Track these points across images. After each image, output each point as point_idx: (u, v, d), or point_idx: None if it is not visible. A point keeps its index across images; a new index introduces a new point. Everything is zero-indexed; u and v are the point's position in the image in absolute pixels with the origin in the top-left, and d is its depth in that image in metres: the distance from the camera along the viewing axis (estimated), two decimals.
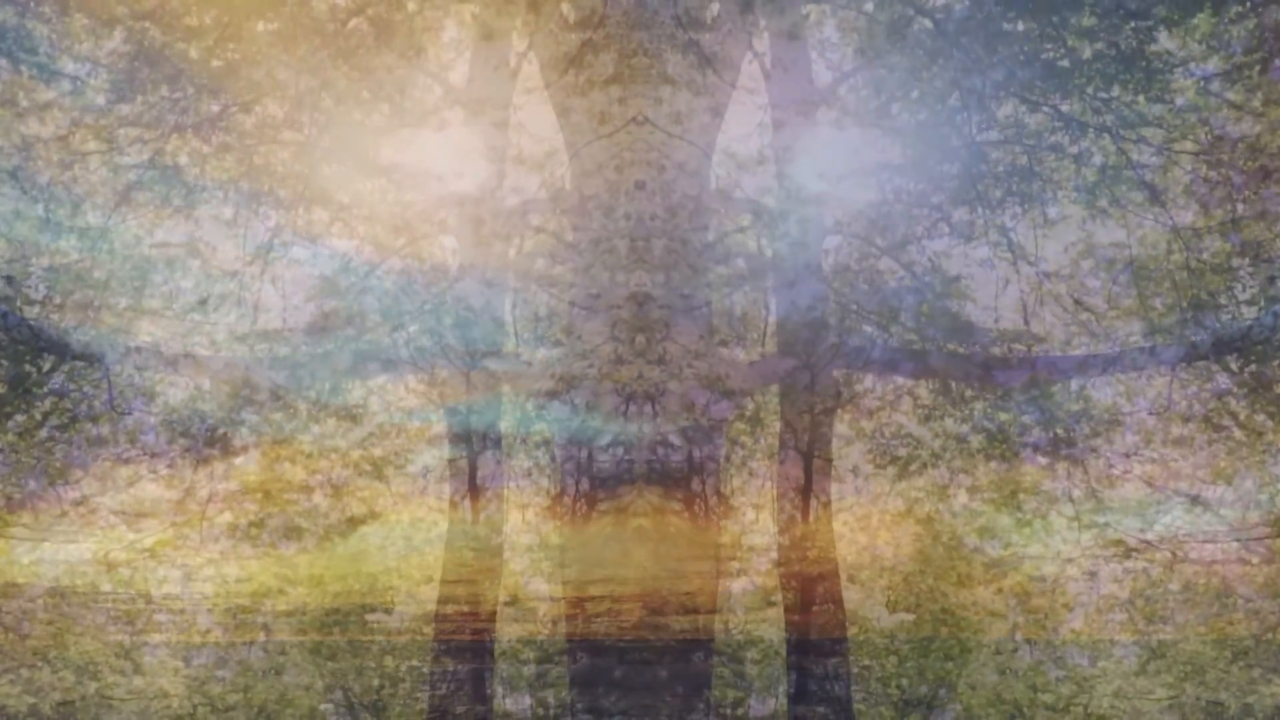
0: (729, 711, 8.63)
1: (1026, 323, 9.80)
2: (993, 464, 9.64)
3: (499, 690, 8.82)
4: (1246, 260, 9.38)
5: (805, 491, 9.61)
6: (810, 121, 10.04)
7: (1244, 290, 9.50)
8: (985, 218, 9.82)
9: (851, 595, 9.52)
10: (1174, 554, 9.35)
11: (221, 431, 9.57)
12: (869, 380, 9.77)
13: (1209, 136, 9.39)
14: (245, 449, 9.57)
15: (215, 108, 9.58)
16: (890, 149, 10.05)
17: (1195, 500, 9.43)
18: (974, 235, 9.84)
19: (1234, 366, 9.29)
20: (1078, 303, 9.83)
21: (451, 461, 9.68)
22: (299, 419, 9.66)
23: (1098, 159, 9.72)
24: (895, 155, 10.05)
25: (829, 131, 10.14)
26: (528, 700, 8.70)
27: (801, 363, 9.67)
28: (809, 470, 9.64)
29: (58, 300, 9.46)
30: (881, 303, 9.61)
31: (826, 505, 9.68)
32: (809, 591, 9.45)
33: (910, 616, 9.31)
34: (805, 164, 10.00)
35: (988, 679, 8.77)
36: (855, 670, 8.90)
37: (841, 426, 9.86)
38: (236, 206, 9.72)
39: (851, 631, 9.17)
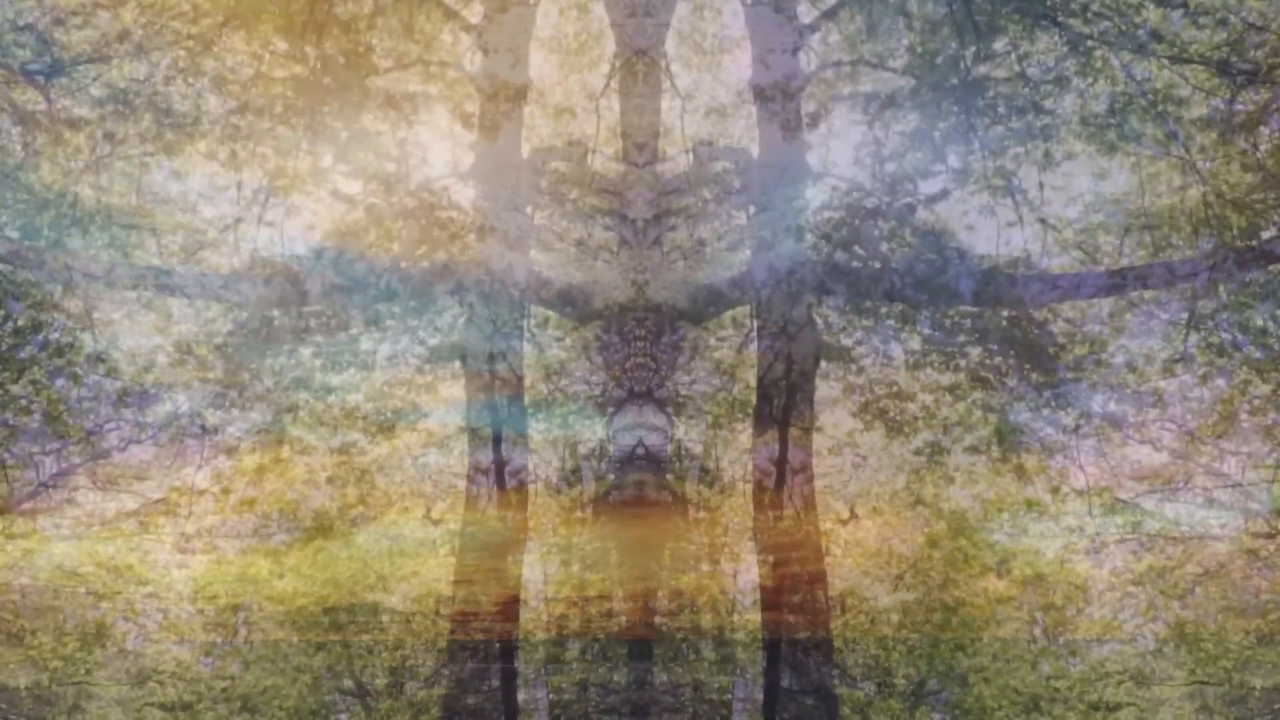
0: (715, 698, 8.54)
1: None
2: (991, 418, 8.94)
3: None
4: (1271, 194, 8.47)
5: (782, 463, 9.04)
6: (794, 59, 9.35)
7: (1266, 226, 8.56)
8: (986, 162, 9.06)
9: (845, 576, 9.04)
10: (1194, 530, 8.67)
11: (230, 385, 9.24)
12: (855, 331, 9.13)
13: (1228, 48, 8.47)
14: (261, 397, 9.22)
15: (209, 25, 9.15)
16: (881, 87, 9.31)
17: (1215, 473, 8.60)
18: (972, 178, 9.06)
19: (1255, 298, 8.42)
20: (1088, 255, 9.02)
21: (469, 432, 9.31)
22: (313, 364, 9.28)
23: (1104, 87, 8.84)
24: (886, 94, 9.29)
25: (814, 69, 9.43)
26: (542, 693, 8.65)
27: (779, 327, 9.08)
28: (785, 440, 9.07)
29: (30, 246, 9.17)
30: (869, 253, 8.93)
31: (808, 475, 9.13)
32: (790, 574, 8.97)
33: (911, 596, 8.84)
34: (788, 107, 9.32)
35: (998, 667, 8.45)
36: (862, 662, 8.63)
37: (826, 388, 9.22)
38: (233, 144, 9.30)
39: (857, 620, 8.82)
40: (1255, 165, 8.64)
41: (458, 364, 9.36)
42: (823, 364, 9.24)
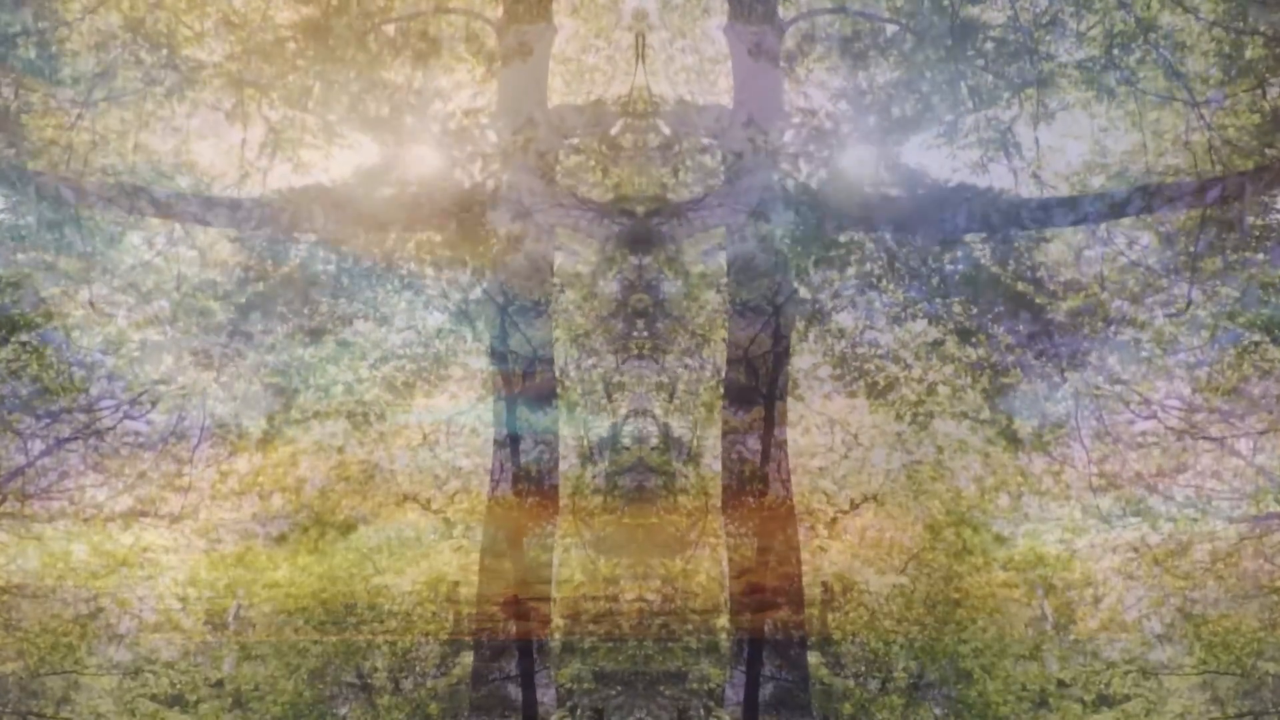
0: (704, 688, 8.40)
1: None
2: (983, 379, 8.56)
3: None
4: None
5: (767, 436, 8.74)
6: (771, 9, 8.88)
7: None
8: (978, 117, 8.51)
9: (834, 558, 8.72)
10: (1201, 511, 8.20)
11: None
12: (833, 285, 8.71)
13: None
14: (269, 349, 8.93)
15: None
16: (863, 34, 8.78)
17: (1222, 444, 8.12)
18: (962, 131, 8.52)
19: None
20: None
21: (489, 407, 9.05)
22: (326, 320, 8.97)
23: (1102, 28, 8.23)
24: (869, 41, 8.76)
25: (794, 16, 8.94)
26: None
27: (766, 299, 8.68)
28: (770, 415, 8.68)
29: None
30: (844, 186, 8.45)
31: (783, 448, 8.82)
32: (767, 565, 8.71)
33: (904, 579, 8.59)
34: (764, 57, 8.84)
35: (1002, 659, 8.25)
36: (863, 654, 8.46)
37: (807, 355, 8.90)
38: (238, 93, 8.94)
39: (858, 613, 8.60)
40: (1264, 109, 7.97)
41: (476, 328, 9.07)
42: (803, 328, 8.88)
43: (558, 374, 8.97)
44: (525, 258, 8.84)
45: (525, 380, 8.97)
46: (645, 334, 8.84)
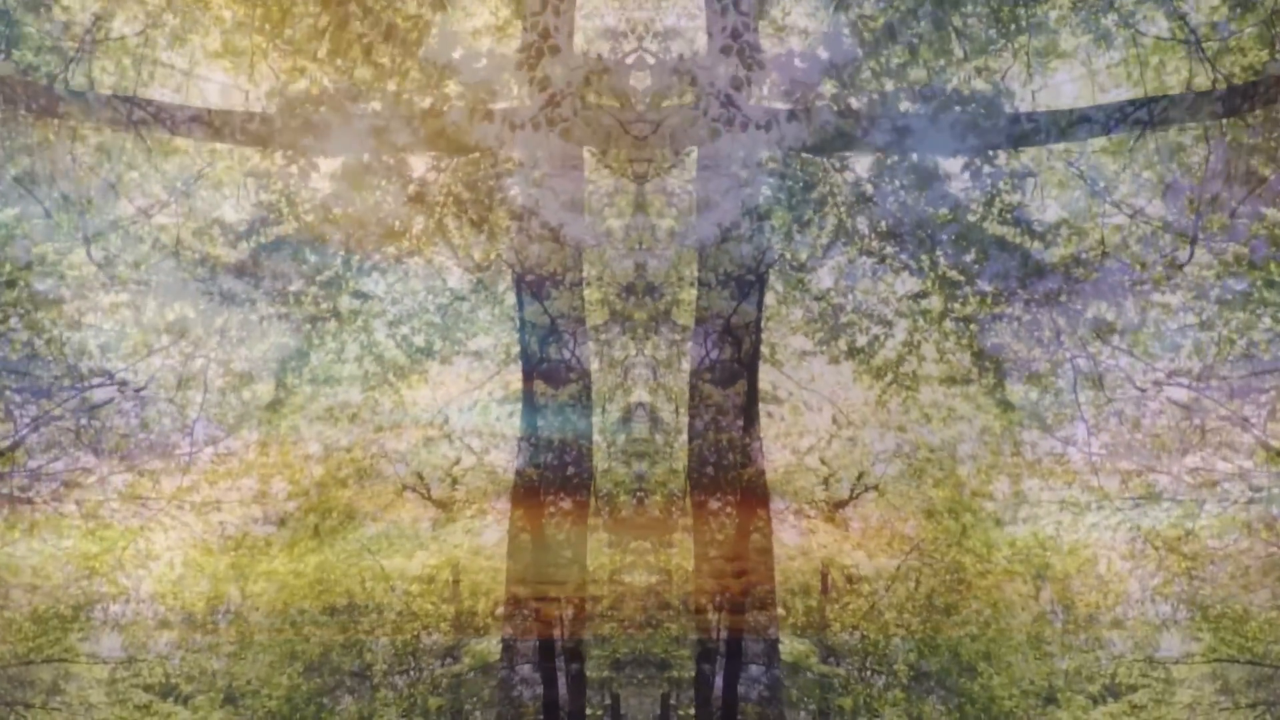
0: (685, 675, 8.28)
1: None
2: (969, 337, 8.23)
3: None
4: None
5: (749, 414, 8.44)
6: None
7: None
8: (969, 68, 8.04)
9: (823, 540, 8.49)
10: (1209, 485, 7.79)
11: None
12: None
13: None
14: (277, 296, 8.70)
15: None
16: None
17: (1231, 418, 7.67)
18: (949, 87, 8.05)
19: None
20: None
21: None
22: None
23: None
24: None
25: None
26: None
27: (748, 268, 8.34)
28: (753, 386, 8.37)
29: None
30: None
31: (756, 420, 8.58)
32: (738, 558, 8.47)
33: (893, 563, 8.32)
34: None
35: (1006, 651, 8.05)
36: (862, 647, 8.33)
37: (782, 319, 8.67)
38: (245, 38, 8.65)
39: (858, 604, 8.43)
40: (1274, 47, 7.41)
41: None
42: (781, 289, 8.59)
43: (575, 350, 8.72)
44: (541, 225, 8.58)
45: (543, 355, 8.69)
46: (642, 309, 8.57)
